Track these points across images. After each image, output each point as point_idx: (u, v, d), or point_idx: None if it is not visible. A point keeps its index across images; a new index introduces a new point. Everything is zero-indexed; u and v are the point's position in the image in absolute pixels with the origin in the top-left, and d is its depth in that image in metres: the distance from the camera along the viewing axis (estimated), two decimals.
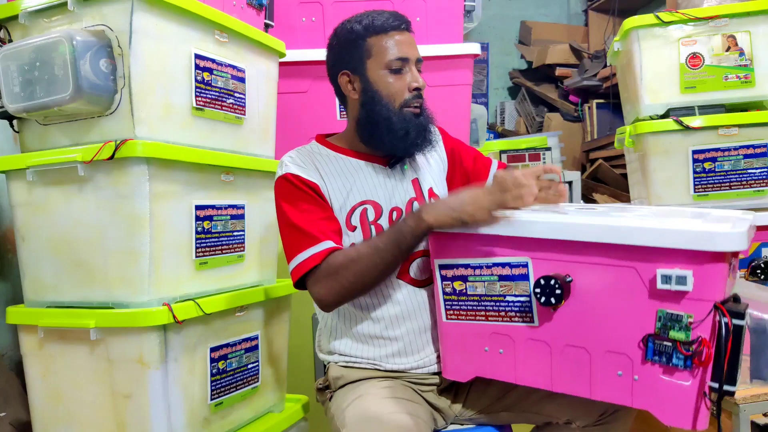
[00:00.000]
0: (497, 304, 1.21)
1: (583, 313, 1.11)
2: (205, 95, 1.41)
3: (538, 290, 1.11)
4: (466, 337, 1.24)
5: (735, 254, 1.08)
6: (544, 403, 1.31)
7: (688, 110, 1.74)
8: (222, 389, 1.42)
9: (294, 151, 1.36)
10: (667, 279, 1.02)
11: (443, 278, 1.25)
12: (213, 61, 1.43)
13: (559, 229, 1.11)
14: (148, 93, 1.28)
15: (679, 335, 1.02)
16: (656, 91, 1.75)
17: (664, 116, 1.75)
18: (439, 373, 1.34)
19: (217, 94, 1.44)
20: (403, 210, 1.34)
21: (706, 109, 1.73)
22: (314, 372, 1.91)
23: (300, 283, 1.27)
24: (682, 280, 1.01)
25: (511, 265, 1.18)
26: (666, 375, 1.06)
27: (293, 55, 1.84)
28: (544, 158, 2.90)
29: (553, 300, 1.09)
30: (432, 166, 1.43)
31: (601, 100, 3.44)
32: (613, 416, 1.27)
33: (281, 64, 1.72)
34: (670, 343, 1.04)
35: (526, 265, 1.17)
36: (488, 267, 1.20)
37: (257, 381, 1.54)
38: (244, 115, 1.53)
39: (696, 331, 1.02)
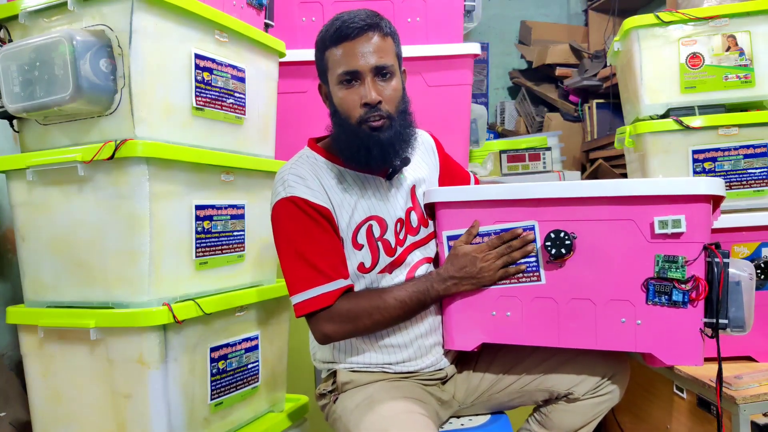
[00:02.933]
0: None
1: (588, 267, 1.21)
2: (205, 95, 1.41)
3: (548, 243, 1.20)
4: (473, 304, 1.29)
5: (716, 204, 1.21)
6: (546, 376, 1.32)
7: (688, 110, 1.73)
8: (222, 389, 1.42)
9: (295, 165, 1.28)
10: (664, 224, 1.14)
11: (451, 249, 1.29)
12: (213, 61, 1.43)
13: (564, 188, 1.21)
14: (148, 93, 1.28)
15: (676, 275, 1.15)
16: (656, 91, 1.74)
17: (664, 116, 1.74)
18: (444, 369, 1.34)
19: (217, 94, 1.44)
20: (404, 220, 1.32)
21: (706, 109, 1.73)
22: (314, 372, 1.91)
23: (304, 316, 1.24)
24: (677, 223, 1.14)
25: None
26: (666, 315, 1.16)
27: (293, 55, 1.84)
28: (544, 158, 2.89)
29: (563, 251, 1.19)
30: (426, 171, 1.41)
31: (601, 100, 3.43)
32: (611, 380, 1.31)
33: (281, 64, 1.72)
34: (669, 283, 1.16)
35: (533, 228, 1.24)
36: (496, 234, 1.25)
37: (257, 381, 1.53)
38: (244, 115, 1.53)
39: (690, 270, 1.15)
